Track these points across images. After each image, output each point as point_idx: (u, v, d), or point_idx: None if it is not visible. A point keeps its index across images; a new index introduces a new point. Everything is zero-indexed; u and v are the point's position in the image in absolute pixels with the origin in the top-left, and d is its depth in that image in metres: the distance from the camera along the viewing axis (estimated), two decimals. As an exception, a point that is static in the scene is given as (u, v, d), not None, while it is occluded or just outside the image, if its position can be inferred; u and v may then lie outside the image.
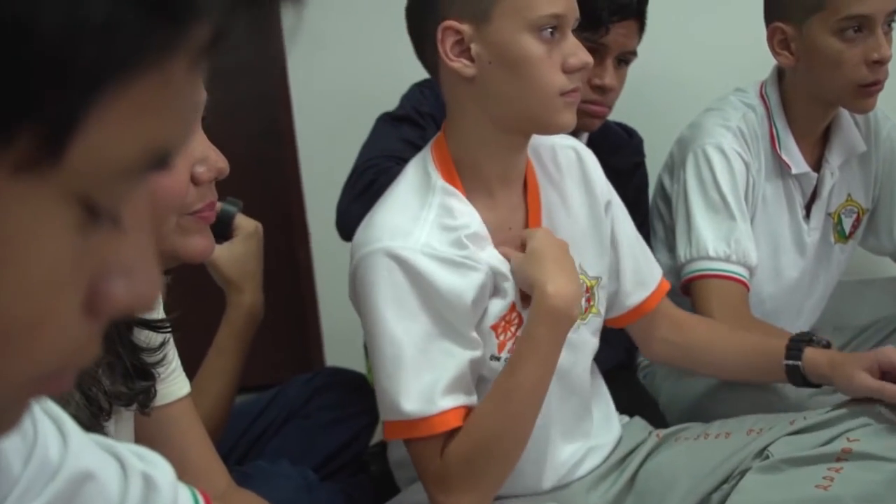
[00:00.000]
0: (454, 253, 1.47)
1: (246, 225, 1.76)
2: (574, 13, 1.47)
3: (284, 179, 2.80)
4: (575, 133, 2.06)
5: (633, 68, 2.41)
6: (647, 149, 2.31)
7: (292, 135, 2.78)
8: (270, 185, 2.86)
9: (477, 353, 1.48)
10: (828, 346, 1.72)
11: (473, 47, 1.45)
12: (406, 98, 2.09)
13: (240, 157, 2.89)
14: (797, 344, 1.70)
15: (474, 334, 1.49)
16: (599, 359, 2.02)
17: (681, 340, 1.81)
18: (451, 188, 1.52)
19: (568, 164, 1.66)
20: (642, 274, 1.77)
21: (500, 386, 1.46)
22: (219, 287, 1.77)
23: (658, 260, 2.13)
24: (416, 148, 1.66)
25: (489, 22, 1.44)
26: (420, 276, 1.44)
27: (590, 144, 2.07)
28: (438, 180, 1.52)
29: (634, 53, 2.03)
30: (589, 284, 1.67)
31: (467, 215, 1.51)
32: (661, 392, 2.15)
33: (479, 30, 1.44)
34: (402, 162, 1.71)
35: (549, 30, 1.44)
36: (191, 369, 1.71)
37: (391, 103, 2.11)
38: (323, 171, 2.46)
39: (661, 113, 2.46)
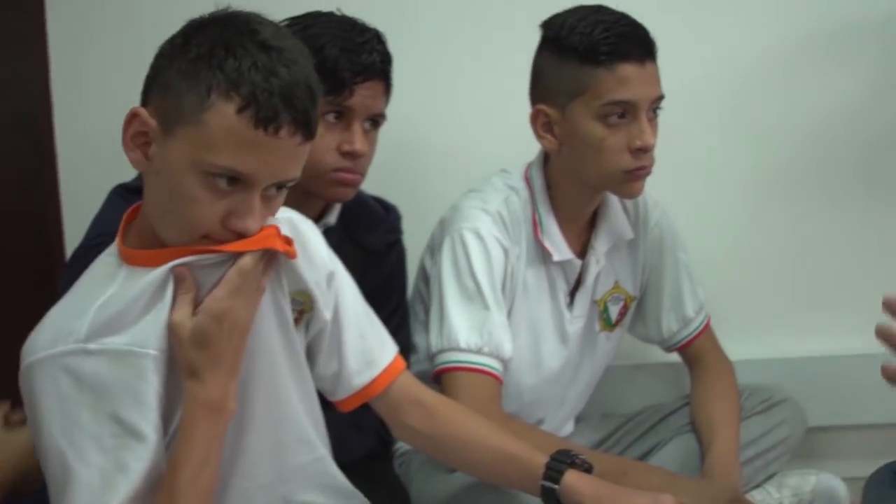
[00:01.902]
0: (119, 342, 1.35)
1: None
2: (270, 178, 1.36)
3: (49, 263, 2.60)
4: (328, 205, 1.95)
5: (408, 140, 2.33)
6: (415, 225, 2.19)
7: (56, 186, 2.59)
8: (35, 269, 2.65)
9: (158, 462, 1.34)
10: (589, 469, 1.63)
11: (153, 147, 1.35)
12: None
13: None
14: (558, 465, 1.59)
15: (155, 436, 1.35)
16: (351, 446, 1.90)
17: (431, 431, 1.66)
18: (140, 268, 1.40)
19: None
20: (371, 353, 1.63)
21: (163, 491, 1.33)
22: None
23: (417, 344, 2.04)
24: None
25: (172, 135, 1.33)
26: (86, 380, 1.32)
27: (343, 221, 1.97)
28: (122, 267, 1.41)
29: (383, 116, 1.91)
30: None
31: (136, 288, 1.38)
32: (412, 485, 2.04)
33: (163, 135, 1.34)
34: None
35: (224, 179, 1.33)
36: None
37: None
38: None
39: (430, 187, 2.36)
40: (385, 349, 1.67)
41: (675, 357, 2.28)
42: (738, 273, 2.50)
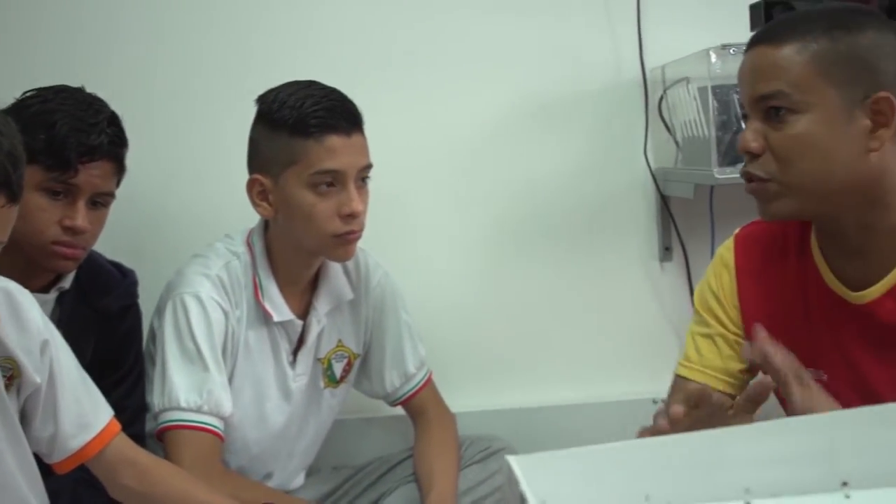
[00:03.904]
0: None
1: None
2: None
3: None
4: (58, 276, 1.99)
5: (149, 206, 2.40)
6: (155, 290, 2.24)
7: None
8: None
9: None
10: None
11: None
12: None
13: None
14: None
15: None
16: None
17: (143, 490, 1.75)
18: None
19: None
20: (86, 417, 1.70)
21: None
22: None
23: (150, 403, 2.10)
24: None
25: None
26: None
27: (78, 285, 2.01)
28: None
29: (111, 195, 1.96)
30: None
31: None
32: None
33: None
34: None
35: None
36: None
37: None
38: None
39: (171, 252, 2.42)
40: (100, 413, 1.74)
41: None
42: (460, 329, 2.65)
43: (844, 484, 1.05)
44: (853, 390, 1.60)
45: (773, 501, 1.03)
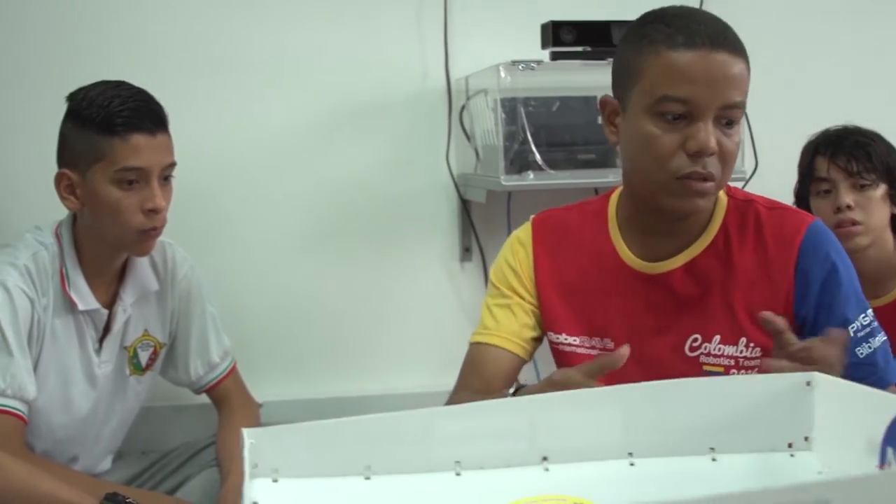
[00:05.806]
0: None
1: None
2: None
3: None
4: None
5: None
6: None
7: None
8: None
9: None
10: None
11: None
12: None
13: None
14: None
15: None
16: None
17: None
18: None
19: None
20: None
21: None
22: None
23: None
24: None
25: None
26: None
27: None
28: None
29: None
30: None
31: None
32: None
33: None
34: None
35: None
36: None
37: None
38: None
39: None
40: None
41: (211, 398, 2.50)
42: (268, 321, 2.79)
43: (545, 458, 1.22)
44: (633, 358, 1.74)
45: (481, 472, 1.19)
